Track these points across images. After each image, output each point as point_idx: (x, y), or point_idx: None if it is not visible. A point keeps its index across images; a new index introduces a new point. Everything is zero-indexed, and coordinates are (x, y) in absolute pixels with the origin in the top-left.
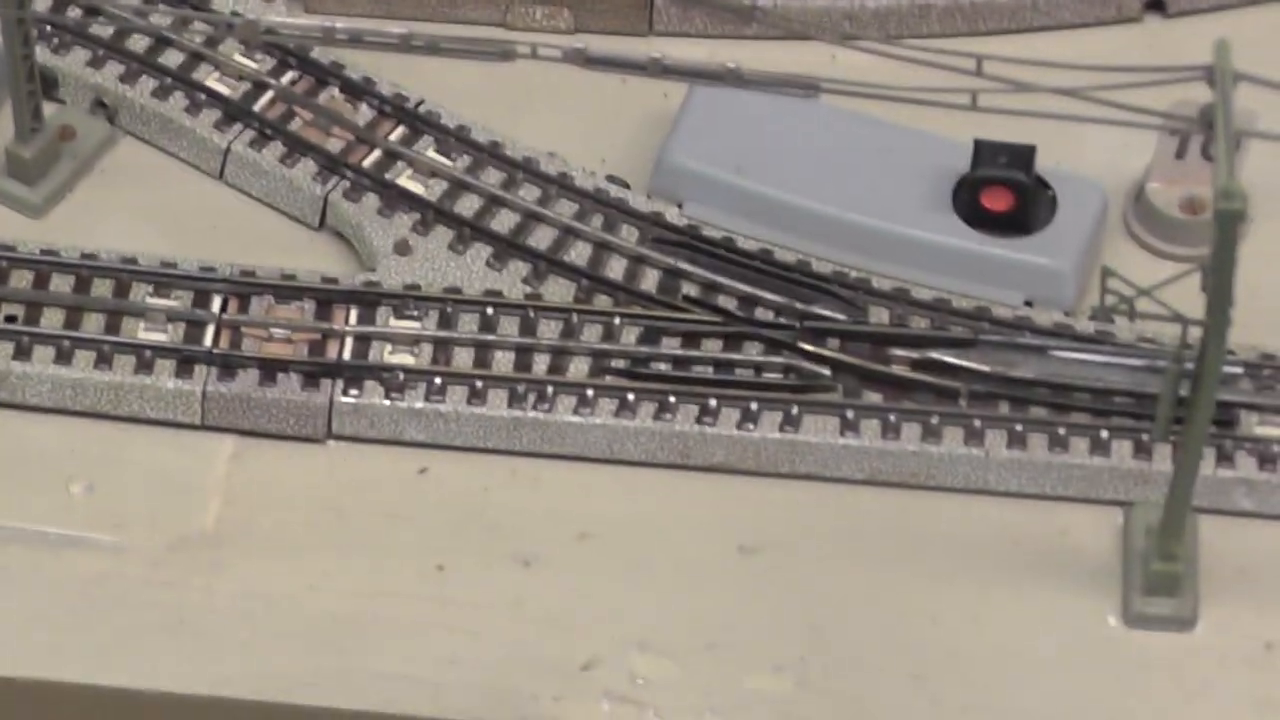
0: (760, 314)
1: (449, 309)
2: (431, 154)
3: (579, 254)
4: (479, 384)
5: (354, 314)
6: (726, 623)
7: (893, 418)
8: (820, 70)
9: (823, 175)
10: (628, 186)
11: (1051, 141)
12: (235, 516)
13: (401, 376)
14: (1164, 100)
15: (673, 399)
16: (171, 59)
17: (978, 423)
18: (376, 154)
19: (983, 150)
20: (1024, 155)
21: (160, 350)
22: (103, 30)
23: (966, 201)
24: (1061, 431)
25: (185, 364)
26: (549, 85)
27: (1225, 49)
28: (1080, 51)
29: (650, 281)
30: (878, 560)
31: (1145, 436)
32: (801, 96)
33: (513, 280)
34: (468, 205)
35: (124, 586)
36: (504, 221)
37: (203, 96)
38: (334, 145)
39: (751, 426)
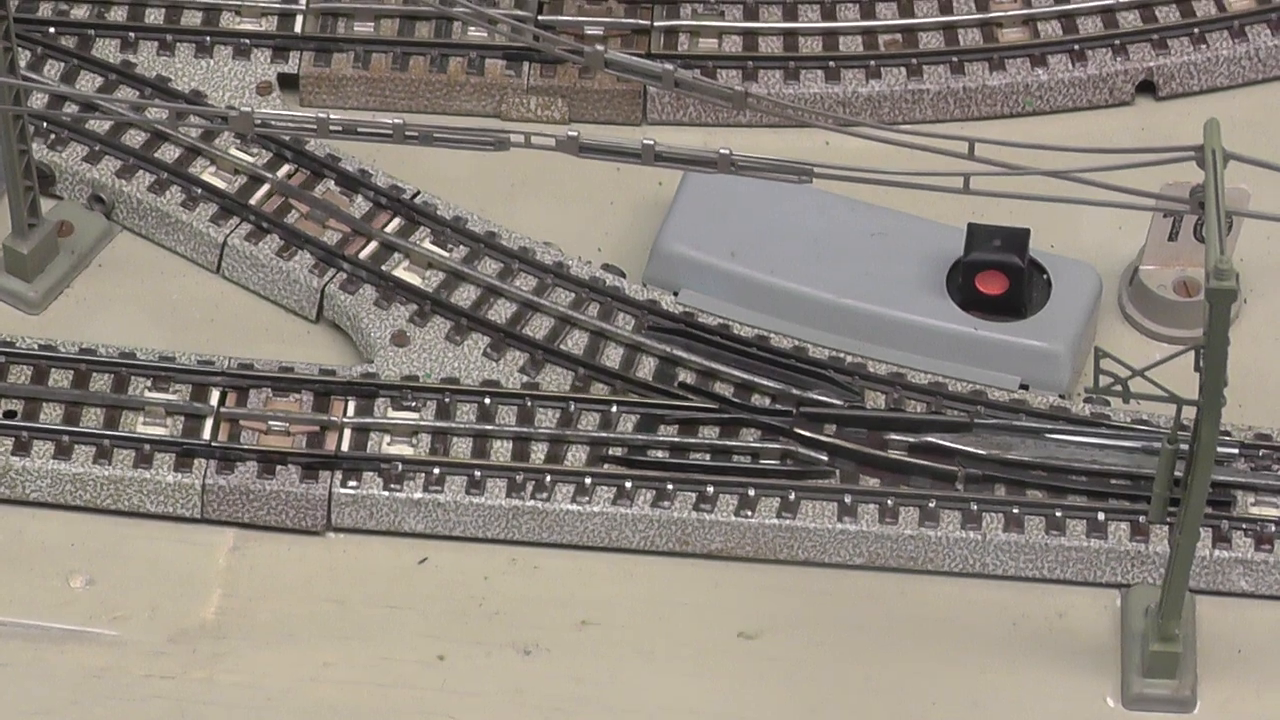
0: (757, 400)
1: (447, 399)
2: (428, 245)
3: (576, 343)
4: (477, 474)
5: (352, 405)
6: (727, 708)
7: (890, 502)
8: (813, 156)
9: (817, 260)
10: (623, 275)
11: (1045, 224)
12: (236, 608)
13: (400, 467)
14: (1156, 182)
15: (670, 486)
16: (167, 154)
17: (975, 506)
18: (373, 245)
19: (976, 234)
20: (1018, 239)
21: (159, 444)
22: (99, 126)
23: (961, 285)
24: (1058, 514)
25: (184, 457)
26: (544, 174)
27: (1215, 129)
28: (1073, 135)
29: (647, 369)
30: (877, 644)
31: (1142, 518)
32: (795, 182)
33: (510, 370)
34: (464, 296)
35: (125, 679)
36: (501, 311)
37: (199, 191)
38: (330, 237)
39: (749, 512)
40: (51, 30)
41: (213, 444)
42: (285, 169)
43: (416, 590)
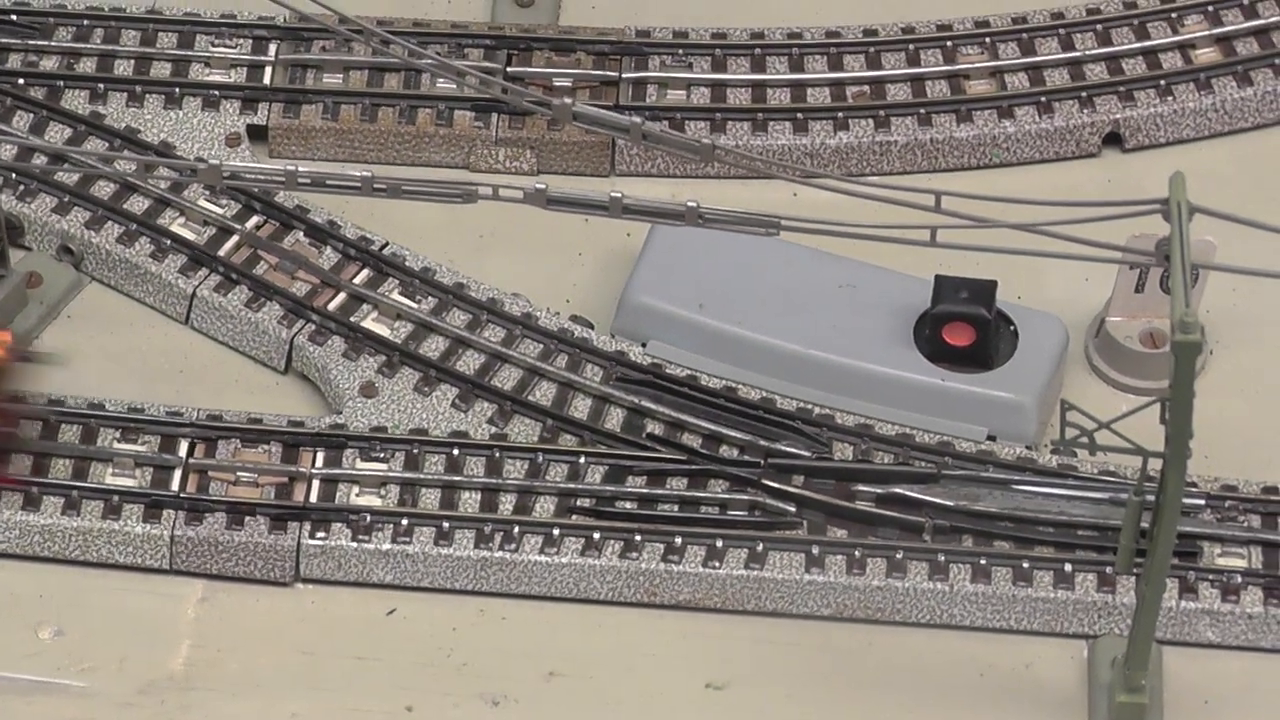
0: (725, 452)
1: (415, 450)
2: (396, 296)
3: (544, 394)
4: (446, 525)
5: (320, 456)
6: None
7: (858, 553)
8: (781, 207)
9: (785, 312)
10: (591, 326)
11: (1012, 276)
12: (204, 659)
13: (368, 518)
14: (1122, 234)
15: (638, 537)
16: (136, 205)
17: (942, 557)
18: (341, 297)
19: (944, 286)
20: (985, 291)
21: (128, 495)
22: (68, 177)
23: (928, 337)
24: (1025, 565)
25: (153, 509)
26: (513, 226)
27: (1180, 182)
28: (1040, 186)
29: (615, 420)
30: (844, 695)
31: (1109, 569)
32: (762, 234)
33: (478, 421)
34: (433, 347)
35: None
36: (469, 363)
37: (168, 242)
38: (299, 289)
39: (717, 564)
40: (20, 81)
41: (181, 495)
42: (254, 220)
43: (385, 641)
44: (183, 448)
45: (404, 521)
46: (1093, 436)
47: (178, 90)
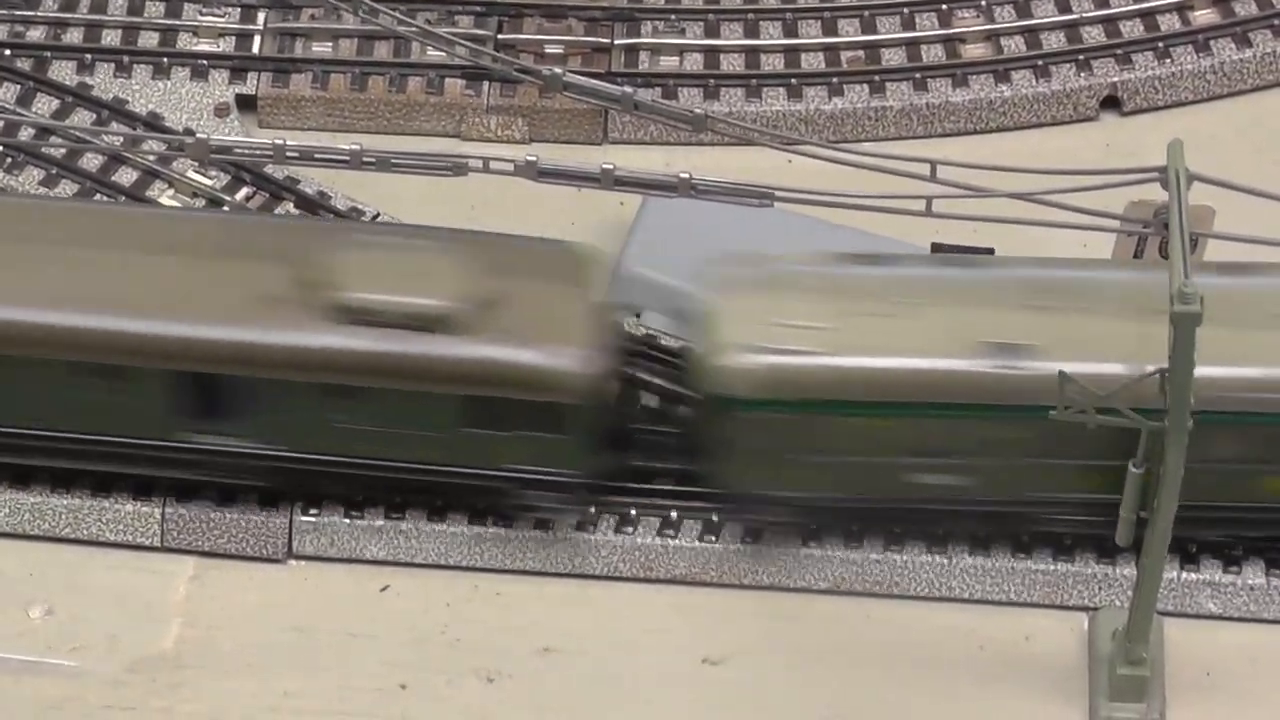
0: None
1: None
2: None
3: None
4: (439, 500)
5: None
6: None
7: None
8: (775, 174)
9: None
10: None
11: (1009, 242)
12: (196, 637)
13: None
14: (1120, 200)
15: (634, 512)
16: (125, 177)
17: (941, 529)
18: None
19: (940, 253)
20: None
21: (119, 474)
22: (55, 150)
23: None
24: (1025, 537)
25: (144, 486)
26: (504, 195)
27: (1178, 150)
28: (1038, 151)
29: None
30: (842, 669)
31: (1109, 541)
32: (756, 206)
33: None
34: None
35: (85, 710)
36: None
37: None
38: None
39: (713, 538)
40: (7, 53)
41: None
42: (244, 192)
43: (378, 618)
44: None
45: (397, 498)
46: (1091, 409)
47: (166, 60)
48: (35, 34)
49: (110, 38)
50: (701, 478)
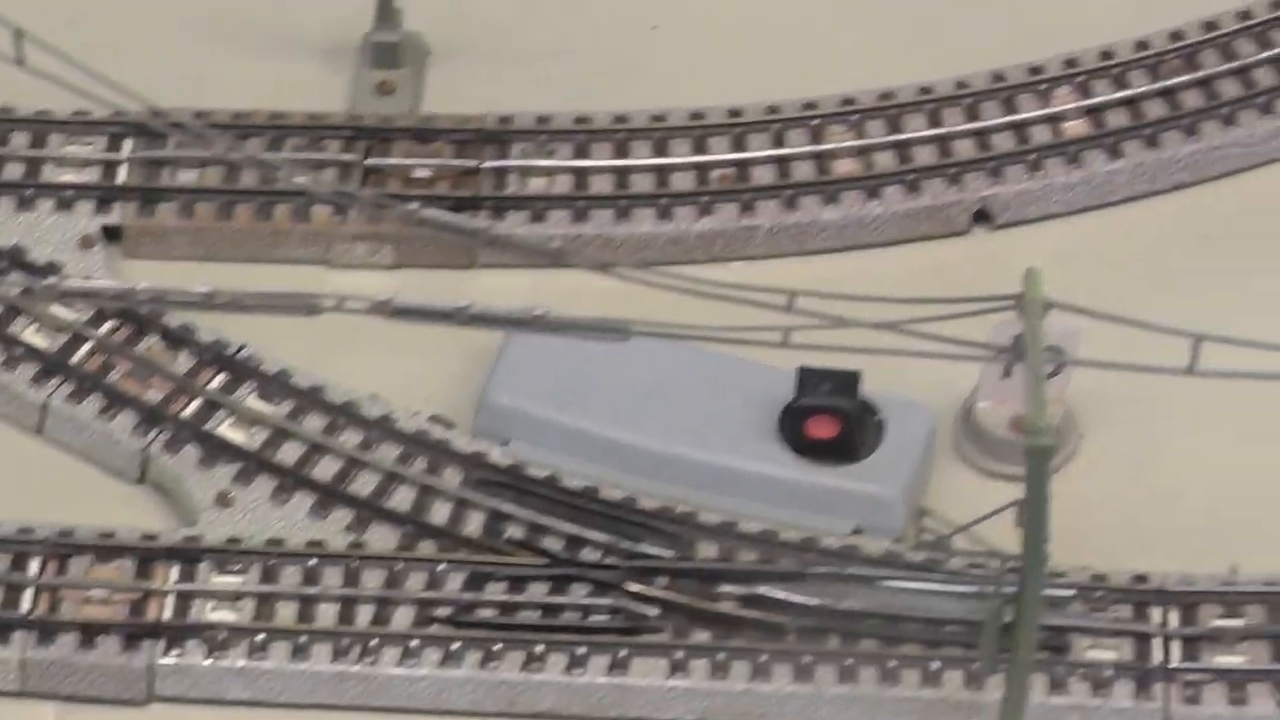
0: (586, 554)
1: (271, 562)
2: (252, 401)
3: (402, 499)
4: (302, 639)
5: (175, 571)
6: None
7: (721, 657)
8: (641, 299)
9: (647, 408)
10: (452, 426)
11: (880, 363)
12: None
13: (224, 635)
14: (986, 321)
15: (498, 646)
16: None
17: (807, 658)
18: (197, 403)
19: (806, 378)
20: (848, 381)
21: None
22: None
23: (792, 430)
24: (892, 664)
25: (3, 630)
26: (372, 323)
27: (1035, 278)
28: (909, 267)
29: (475, 525)
30: None
31: (976, 666)
32: (611, 340)
33: (335, 529)
34: (290, 454)
35: None
36: (326, 469)
37: (19, 350)
38: (153, 396)
39: (579, 671)
40: None
41: (31, 617)
42: (108, 325)
43: None
44: (34, 566)
45: (259, 637)
46: (949, 542)
47: (30, 191)
48: None
49: None
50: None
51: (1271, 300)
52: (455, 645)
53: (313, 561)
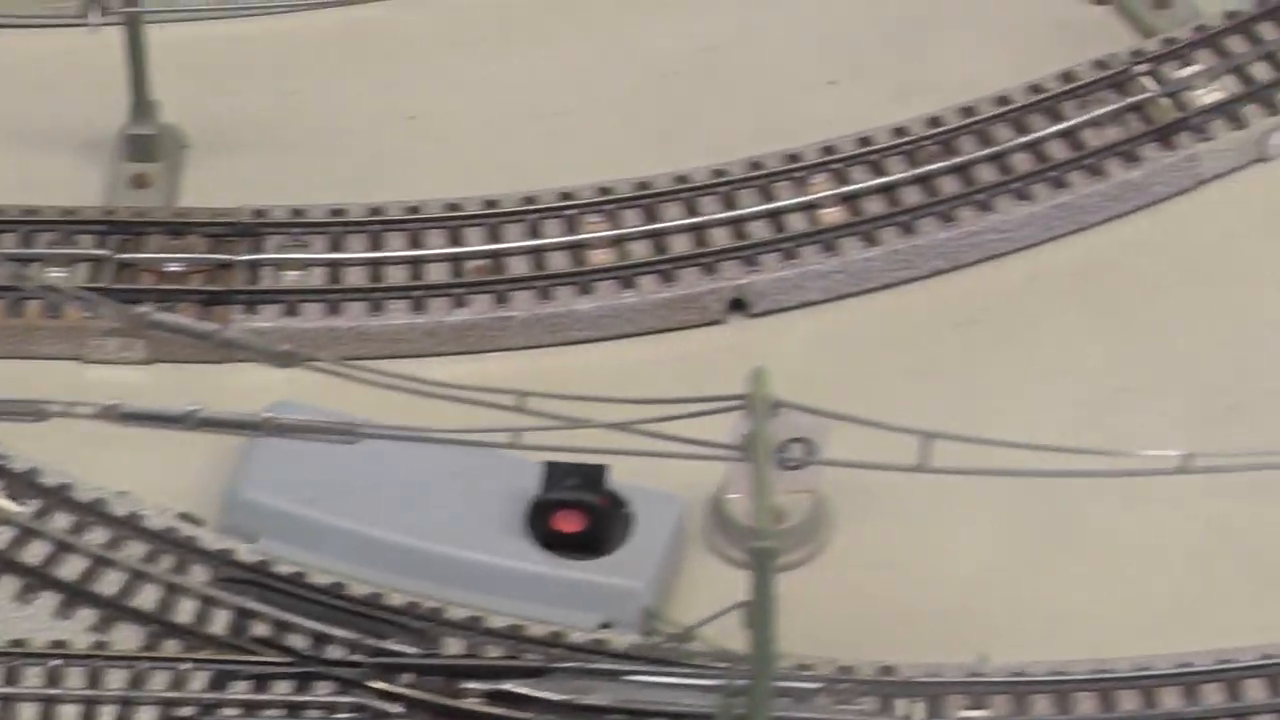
0: (331, 651)
1: (14, 664)
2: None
3: (148, 597)
4: None
5: None
6: None
7: None
8: (384, 393)
9: (395, 502)
10: (200, 524)
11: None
12: None
13: None
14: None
15: None
16: None
17: None
18: None
19: (553, 472)
20: (594, 476)
21: None
22: None
23: (539, 524)
24: None
25: None
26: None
27: (763, 378)
28: (663, 356)
29: (221, 623)
30: None
31: None
32: (341, 443)
33: (80, 629)
34: (35, 553)
35: None
36: (73, 568)
37: None
38: None
39: None
40: None
41: None
42: None
43: None
44: None
45: None
46: (679, 641)
47: None
48: None
49: None
50: None
51: (1025, 385)
52: None
53: (55, 662)
